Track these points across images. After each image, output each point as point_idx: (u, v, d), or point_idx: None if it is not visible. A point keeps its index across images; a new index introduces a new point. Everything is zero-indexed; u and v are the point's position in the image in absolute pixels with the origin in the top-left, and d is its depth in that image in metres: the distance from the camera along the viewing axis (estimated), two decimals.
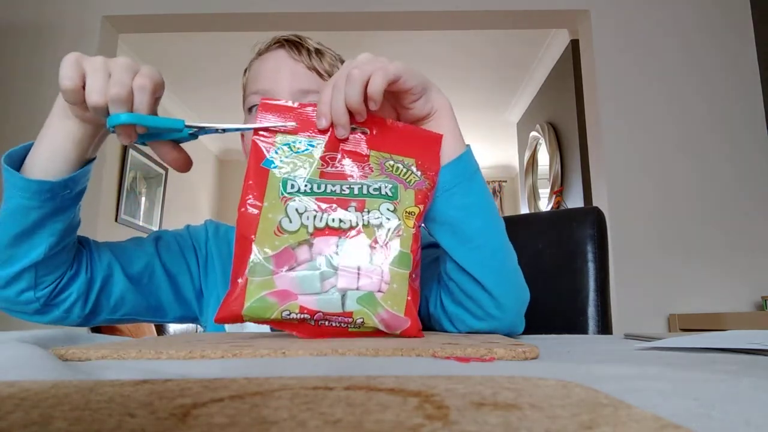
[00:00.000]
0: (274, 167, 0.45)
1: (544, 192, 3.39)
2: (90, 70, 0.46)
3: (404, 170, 0.47)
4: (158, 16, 2.27)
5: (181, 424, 0.12)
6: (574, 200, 2.77)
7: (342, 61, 0.72)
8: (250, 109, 0.68)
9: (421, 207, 0.47)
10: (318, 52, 0.69)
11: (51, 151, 0.52)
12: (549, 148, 3.13)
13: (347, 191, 0.45)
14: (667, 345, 0.37)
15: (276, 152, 0.46)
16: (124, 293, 0.63)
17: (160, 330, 2.69)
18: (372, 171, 0.46)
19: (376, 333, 0.43)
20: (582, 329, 0.79)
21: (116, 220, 3.33)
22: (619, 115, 2.14)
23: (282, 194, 0.44)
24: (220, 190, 5.04)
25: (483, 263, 0.52)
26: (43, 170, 0.52)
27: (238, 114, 0.72)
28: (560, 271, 0.83)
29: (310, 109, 0.48)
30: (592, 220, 0.83)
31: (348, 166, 0.46)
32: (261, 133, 0.47)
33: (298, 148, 0.46)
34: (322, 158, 0.46)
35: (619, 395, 0.16)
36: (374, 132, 0.48)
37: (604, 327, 0.79)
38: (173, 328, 2.75)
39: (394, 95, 0.50)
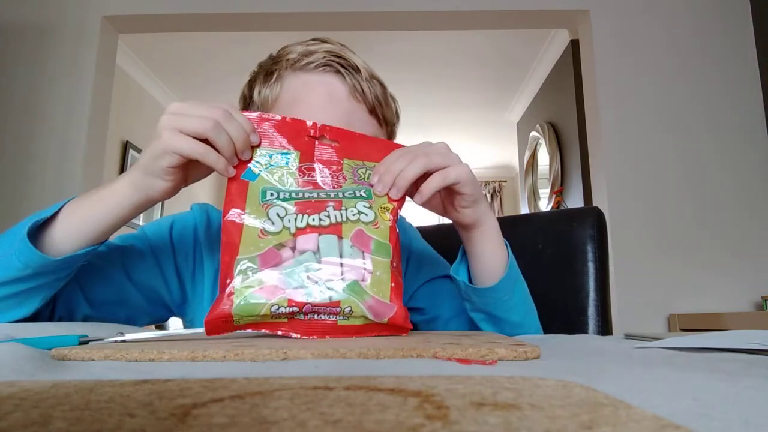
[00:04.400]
0: (254, 179, 0.48)
1: (544, 192, 3.39)
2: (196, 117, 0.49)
3: None
4: (158, 16, 2.27)
5: (181, 424, 0.12)
6: (574, 200, 2.77)
7: (395, 101, 0.68)
8: None
9: (395, 204, 0.50)
10: (383, 93, 0.64)
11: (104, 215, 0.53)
12: (549, 148, 3.13)
13: (324, 196, 0.48)
14: (667, 345, 0.37)
15: (254, 165, 0.49)
16: (86, 316, 0.61)
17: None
18: (345, 180, 0.50)
19: (365, 326, 0.44)
20: (582, 329, 0.78)
21: None
22: (619, 115, 2.14)
23: (262, 201, 0.47)
24: (220, 190, 5.04)
25: (514, 326, 0.62)
26: (72, 236, 0.52)
27: None
28: (560, 271, 0.83)
29: (276, 122, 0.51)
30: (592, 220, 0.83)
31: (323, 175, 0.50)
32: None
33: (275, 161, 0.49)
34: (299, 169, 0.49)
35: (619, 395, 0.16)
36: (344, 142, 0.52)
37: (604, 327, 0.79)
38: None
39: (447, 191, 0.53)
